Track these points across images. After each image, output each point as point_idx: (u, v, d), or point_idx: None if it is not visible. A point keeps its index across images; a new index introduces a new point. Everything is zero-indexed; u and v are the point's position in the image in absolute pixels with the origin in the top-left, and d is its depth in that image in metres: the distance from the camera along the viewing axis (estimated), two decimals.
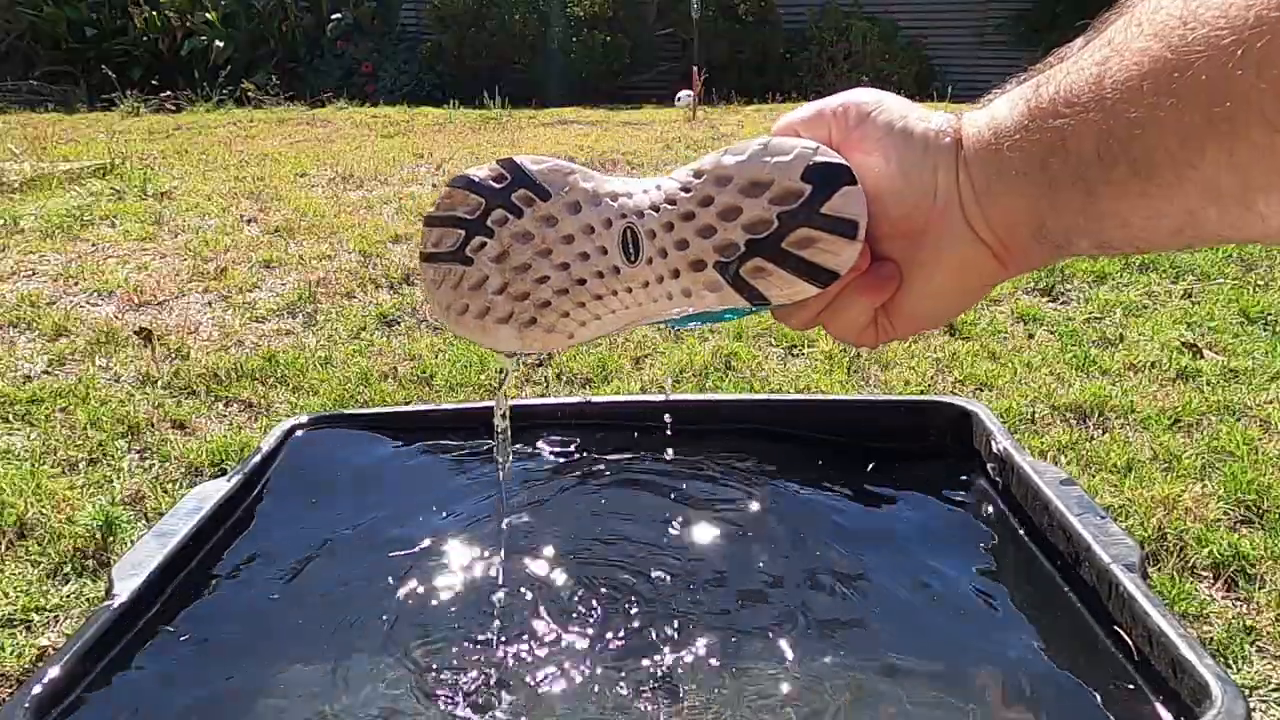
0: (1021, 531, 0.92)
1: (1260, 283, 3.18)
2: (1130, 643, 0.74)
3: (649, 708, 0.73)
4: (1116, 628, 0.76)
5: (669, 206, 0.57)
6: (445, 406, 1.26)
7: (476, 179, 0.60)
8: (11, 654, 1.55)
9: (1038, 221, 0.49)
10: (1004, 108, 0.49)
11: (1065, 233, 0.48)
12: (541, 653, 0.78)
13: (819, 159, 0.53)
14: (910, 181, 0.52)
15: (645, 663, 0.77)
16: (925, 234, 0.52)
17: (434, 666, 0.77)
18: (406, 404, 2.38)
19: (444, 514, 0.99)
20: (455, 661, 0.78)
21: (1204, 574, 1.73)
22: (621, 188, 0.60)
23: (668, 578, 0.88)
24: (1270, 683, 1.48)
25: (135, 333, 2.86)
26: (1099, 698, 0.72)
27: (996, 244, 0.51)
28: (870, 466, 1.05)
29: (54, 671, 0.70)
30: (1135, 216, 0.44)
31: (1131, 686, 0.71)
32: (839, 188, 0.53)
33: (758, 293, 0.56)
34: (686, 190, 0.57)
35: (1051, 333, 2.89)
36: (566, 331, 0.61)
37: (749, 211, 0.55)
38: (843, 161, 0.53)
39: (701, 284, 0.57)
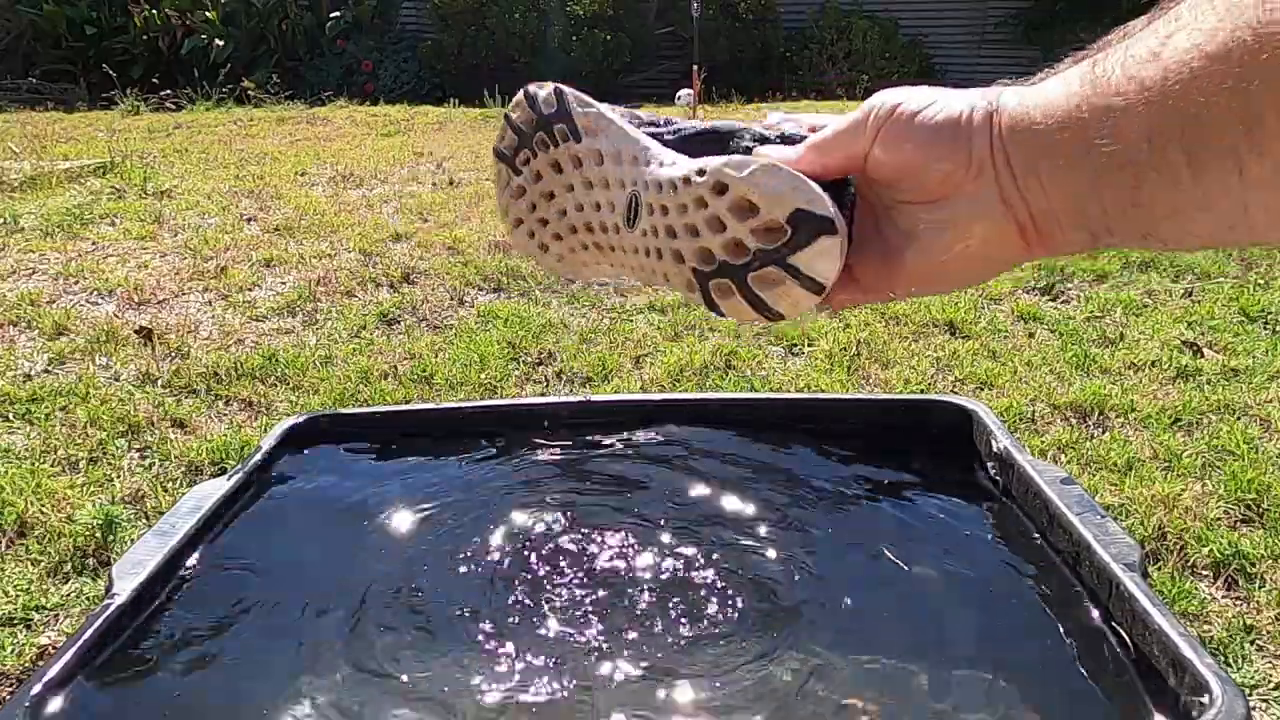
0: (1021, 531, 0.92)
1: (1260, 282, 3.18)
2: (1130, 642, 0.74)
3: (649, 707, 0.73)
4: (1116, 627, 0.76)
5: (671, 191, 0.58)
6: (445, 405, 1.26)
7: (534, 97, 0.64)
8: (11, 653, 1.55)
9: (1077, 207, 0.47)
10: (1056, 86, 0.47)
11: (1105, 220, 0.46)
12: (539, 651, 0.78)
13: (808, 206, 0.53)
14: (940, 159, 0.50)
15: (645, 664, 0.77)
16: (954, 199, 0.51)
17: (435, 665, 0.77)
18: (406, 403, 2.38)
19: (443, 513, 0.99)
20: (456, 660, 0.78)
21: (1204, 573, 1.73)
22: (644, 154, 0.61)
23: (667, 577, 0.88)
24: (1270, 682, 1.48)
25: (135, 331, 2.86)
26: (1099, 697, 0.72)
27: (1027, 223, 0.49)
28: (870, 465, 1.05)
29: (54, 671, 0.70)
30: (1185, 208, 0.42)
31: (1132, 686, 0.71)
32: (816, 240, 0.52)
33: (716, 306, 0.58)
34: (688, 183, 0.57)
35: (1052, 332, 2.89)
36: (572, 265, 0.66)
37: (732, 231, 0.55)
38: (830, 214, 0.52)
39: (679, 278, 0.59)
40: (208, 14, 9.25)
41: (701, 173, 0.56)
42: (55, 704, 0.69)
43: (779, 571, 0.89)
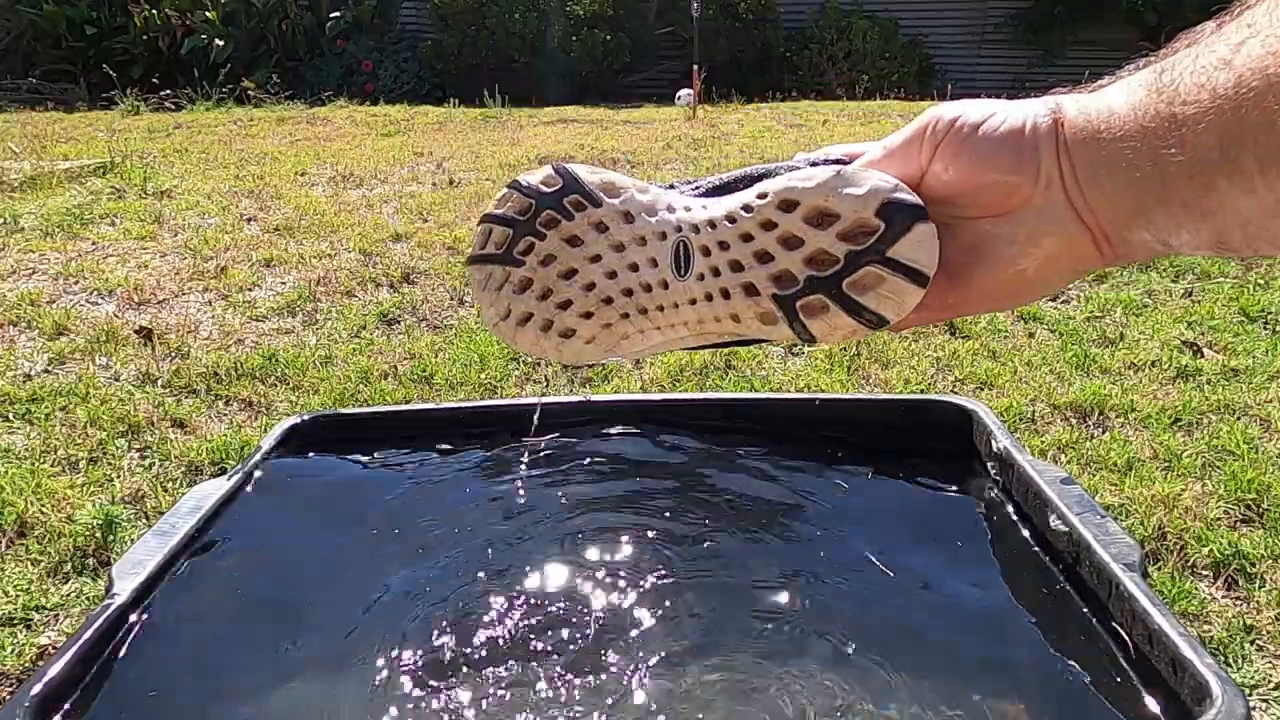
0: (1021, 531, 0.92)
1: (1260, 282, 3.18)
2: (1130, 642, 0.74)
3: (650, 709, 0.73)
4: (1116, 627, 0.76)
5: (727, 224, 0.55)
6: (445, 405, 1.26)
7: (527, 183, 0.60)
8: (11, 653, 1.55)
9: (1145, 216, 0.46)
10: (1120, 94, 0.46)
11: (1174, 227, 0.45)
12: (539, 652, 0.78)
13: (896, 195, 0.51)
14: (1008, 171, 0.49)
15: (645, 666, 0.77)
16: (1021, 211, 0.50)
17: (435, 662, 0.77)
18: (406, 403, 2.38)
19: (443, 513, 0.99)
20: (457, 661, 0.78)
21: (1204, 573, 1.73)
22: (678, 202, 0.59)
23: (666, 578, 0.88)
24: (1270, 682, 1.48)
25: (135, 331, 2.86)
26: (1099, 697, 0.72)
27: (1098, 229, 0.48)
28: (870, 465, 1.05)
29: (54, 671, 0.70)
30: (1258, 215, 0.41)
31: (1131, 686, 0.71)
32: (912, 227, 0.51)
33: (807, 329, 0.55)
34: (748, 210, 0.55)
35: (1052, 331, 2.89)
36: (606, 344, 0.60)
37: (813, 243, 0.53)
38: (919, 201, 0.51)
39: (752, 312, 0.56)
40: (208, 14, 9.25)
41: (763, 196, 0.54)
42: (55, 704, 0.69)
43: (778, 572, 0.89)
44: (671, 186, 0.61)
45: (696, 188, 0.60)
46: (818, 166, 0.55)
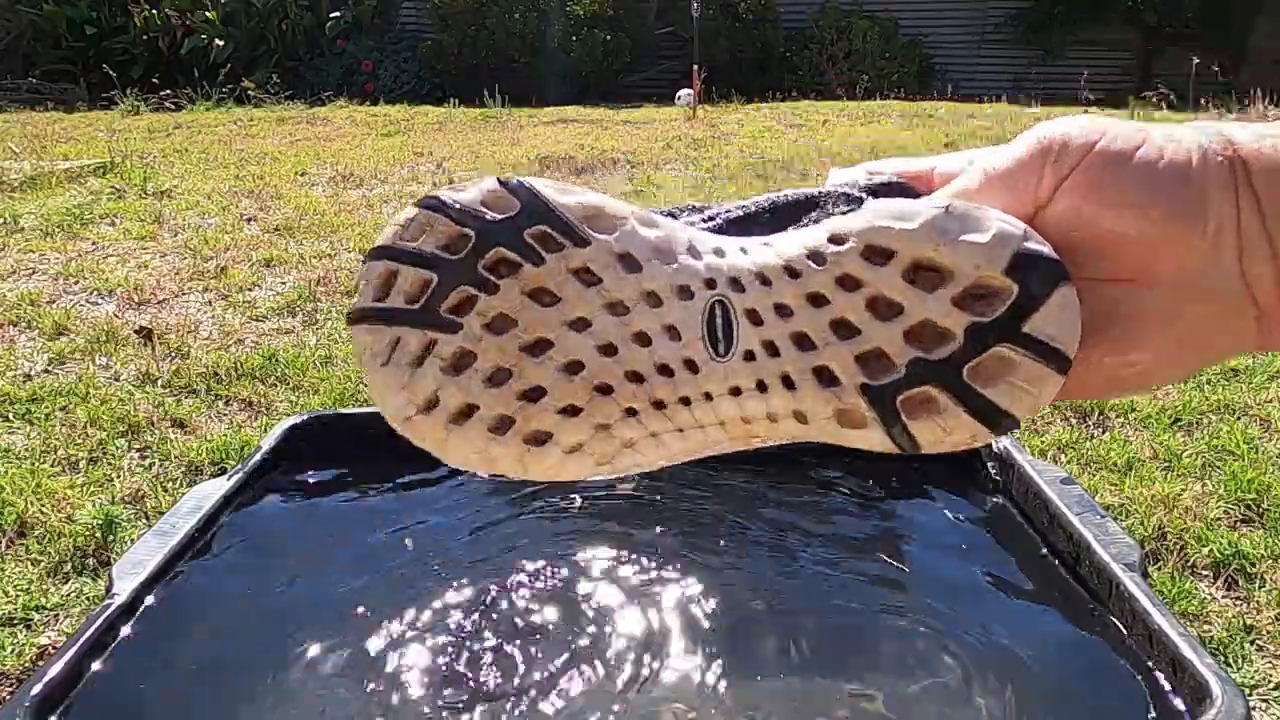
0: (1021, 531, 0.92)
1: None
2: (1130, 642, 0.74)
3: (654, 710, 0.73)
4: (1116, 627, 0.76)
5: (788, 279, 0.40)
6: None
7: (457, 202, 0.40)
8: (11, 653, 1.55)
9: None
10: None
11: None
12: (539, 653, 0.78)
13: (1031, 246, 0.38)
14: (1167, 220, 0.37)
15: (644, 670, 0.77)
16: (1167, 280, 0.38)
17: (435, 662, 0.77)
18: None
19: (443, 513, 0.99)
20: (458, 662, 0.78)
21: (1204, 573, 1.73)
22: (704, 241, 0.41)
23: (666, 580, 0.88)
24: (1270, 682, 1.48)
25: (135, 331, 2.86)
26: (1099, 696, 0.72)
27: (1265, 297, 0.37)
28: (869, 466, 1.05)
29: (54, 671, 0.70)
30: None
31: (1131, 686, 0.71)
32: (1053, 291, 0.37)
33: (909, 434, 0.40)
34: (817, 259, 0.40)
35: None
36: (600, 456, 0.41)
37: (917, 311, 0.39)
38: (1055, 254, 0.38)
39: (829, 409, 0.40)
40: (208, 14, 9.25)
41: (839, 240, 0.39)
42: (55, 704, 0.69)
43: (776, 574, 0.89)
44: (671, 215, 0.44)
45: (711, 218, 0.44)
46: (891, 196, 0.41)
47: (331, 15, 9.55)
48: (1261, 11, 8.29)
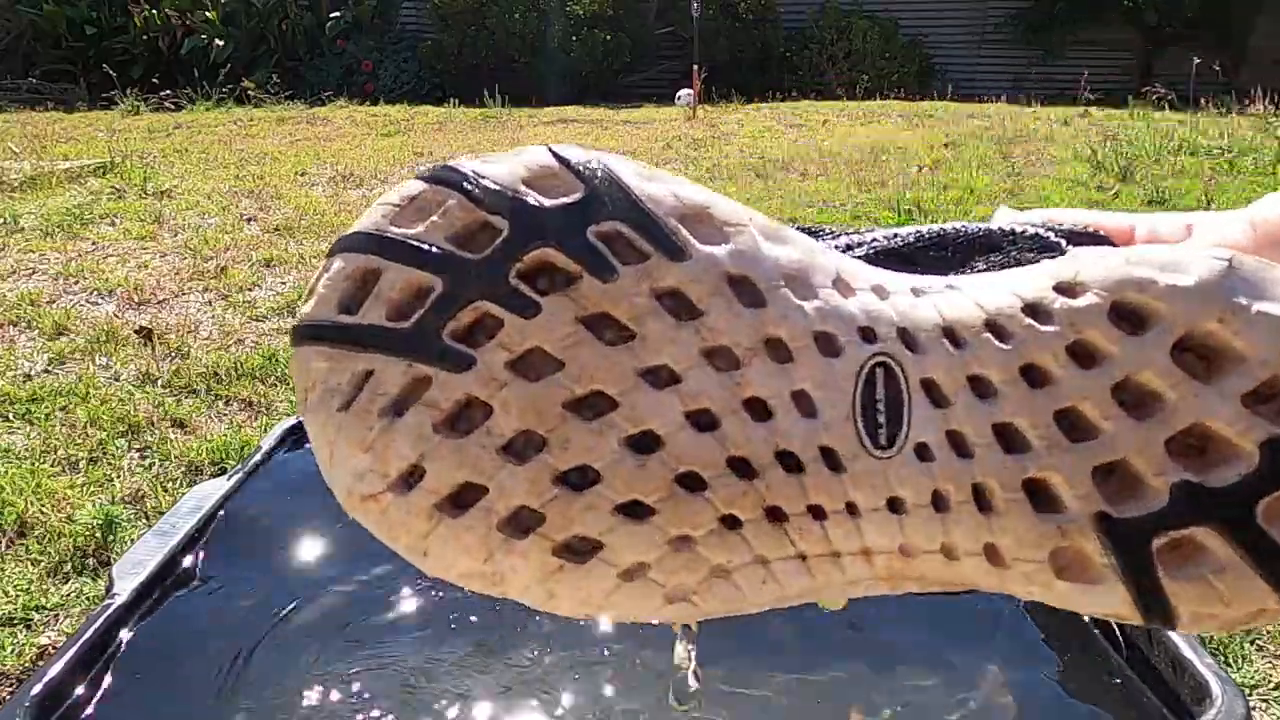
0: None
1: None
2: (1130, 642, 0.74)
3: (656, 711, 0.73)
4: (1117, 627, 0.76)
5: (993, 341, 0.27)
6: None
7: (490, 178, 0.27)
8: (11, 653, 1.55)
9: None
10: None
11: None
12: (538, 656, 0.78)
13: None
14: None
15: (640, 675, 0.77)
16: None
17: (435, 662, 0.77)
18: None
19: None
20: (459, 662, 0.78)
21: None
22: (862, 273, 0.29)
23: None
24: (1270, 682, 1.48)
25: (135, 331, 2.86)
26: (1099, 696, 0.72)
27: None
28: None
29: (54, 671, 0.70)
30: None
31: (1132, 686, 0.71)
32: None
33: (1163, 598, 0.27)
34: (1040, 316, 0.28)
35: None
36: (674, 588, 0.27)
37: (1192, 412, 0.27)
38: None
39: (1041, 548, 0.27)
40: (208, 14, 9.25)
41: (1071, 290, 0.27)
42: (55, 704, 0.69)
43: None
44: (815, 234, 0.31)
45: (850, 246, 0.31)
46: (1094, 243, 0.30)
47: (331, 15, 9.55)
48: (1261, 11, 8.29)
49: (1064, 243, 0.30)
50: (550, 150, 0.28)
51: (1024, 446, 0.27)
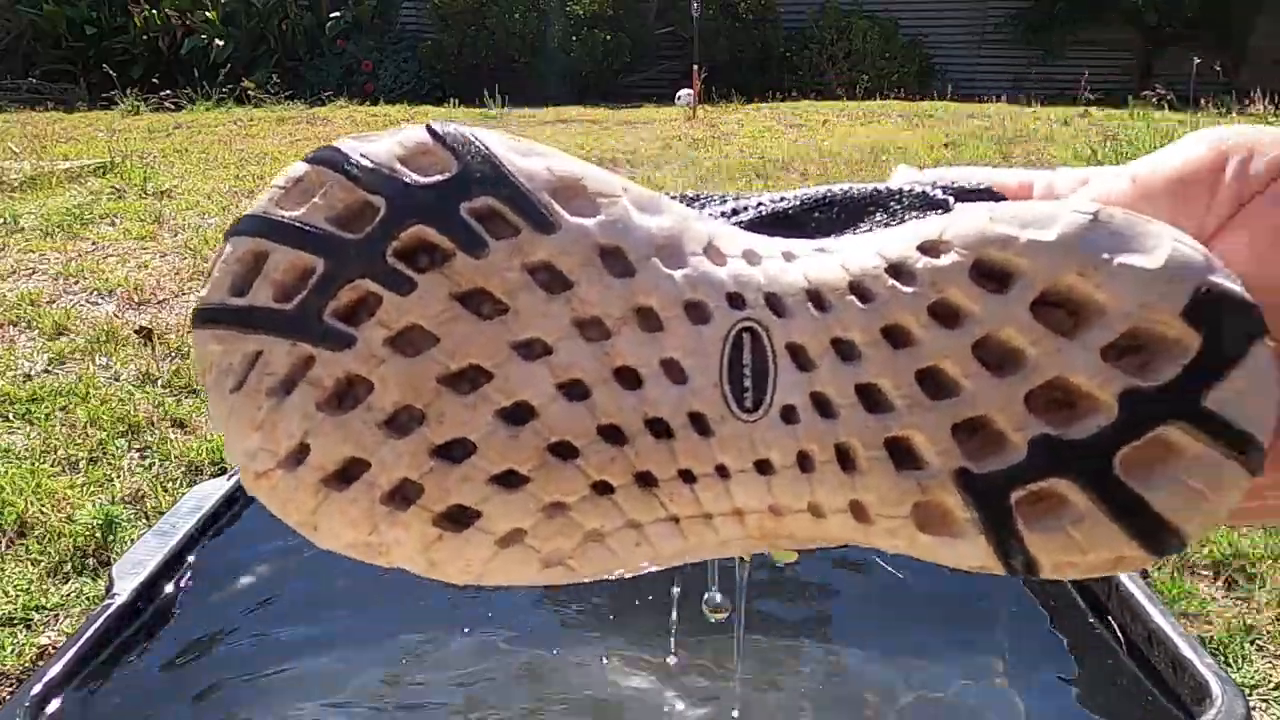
0: None
1: None
2: (1130, 642, 0.74)
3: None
4: (1116, 627, 0.76)
5: (857, 303, 0.28)
6: None
7: (369, 158, 0.29)
8: (11, 653, 1.55)
9: None
10: None
11: None
12: (538, 658, 0.78)
13: (1221, 280, 0.26)
14: None
15: (641, 676, 0.77)
16: None
17: (434, 664, 0.77)
18: None
19: None
20: (459, 663, 0.78)
21: (1204, 573, 1.73)
22: (734, 239, 0.29)
23: (664, 581, 0.88)
24: (1270, 681, 1.48)
25: (135, 331, 2.86)
26: (1099, 696, 0.72)
27: None
28: None
29: (54, 671, 0.70)
30: None
31: (1132, 686, 0.71)
32: (1247, 351, 0.26)
33: (1024, 549, 0.27)
34: (903, 277, 0.28)
35: None
36: (550, 553, 0.29)
37: (1052, 366, 0.27)
38: (1247, 295, 0.26)
39: (904, 503, 0.28)
40: (208, 14, 9.25)
41: (934, 249, 0.28)
42: (55, 704, 0.69)
43: (772, 576, 0.89)
44: (695, 201, 0.32)
45: (737, 212, 0.31)
46: (985, 200, 0.30)
47: (331, 15, 9.55)
48: (1261, 11, 8.29)
49: (952, 200, 0.30)
50: (428, 127, 0.29)
51: (886, 406, 0.27)
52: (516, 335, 0.27)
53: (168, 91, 8.25)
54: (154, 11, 9.28)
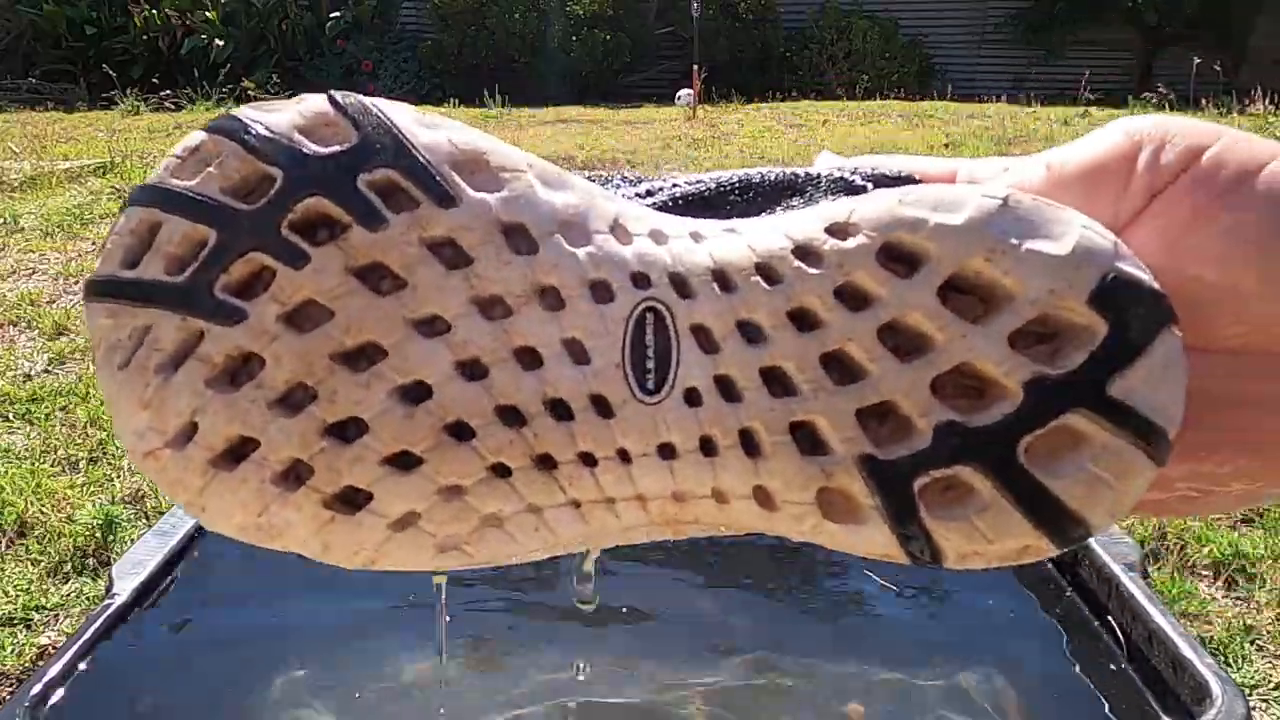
0: None
1: None
2: (1130, 642, 0.74)
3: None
4: (1116, 627, 0.76)
5: (762, 285, 0.27)
6: None
7: (268, 127, 0.27)
8: (11, 653, 1.55)
9: None
10: None
11: None
12: (537, 662, 0.78)
13: (1128, 267, 0.26)
14: None
15: (639, 676, 0.77)
16: None
17: (434, 664, 0.77)
18: None
19: None
20: (460, 663, 0.77)
21: (1204, 573, 1.73)
22: (642, 218, 0.29)
23: (662, 583, 0.88)
24: (1270, 681, 1.48)
25: None
26: (1099, 697, 0.72)
27: None
28: None
29: (54, 671, 0.70)
30: None
31: (1131, 686, 0.71)
32: (1155, 338, 0.26)
33: (928, 537, 0.27)
34: (810, 259, 0.27)
35: None
36: (445, 538, 0.28)
37: (957, 352, 0.27)
38: (1155, 283, 0.26)
39: (808, 489, 0.27)
40: (208, 14, 9.25)
41: (842, 231, 0.27)
42: (55, 704, 0.69)
43: (772, 577, 0.89)
44: (609, 182, 0.31)
45: (650, 193, 0.31)
46: (900, 184, 0.29)
47: (331, 15, 9.55)
48: (1261, 11, 8.29)
49: (869, 186, 0.30)
50: (329, 97, 0.28)
51: (791, 390, 0.27)
52: (414, 312, 0.26)
53: (168, 91, 8.25)
54: (154, 11, 9.28)
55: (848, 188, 0.30)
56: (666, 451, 0.27)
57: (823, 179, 0.30)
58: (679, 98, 7.73)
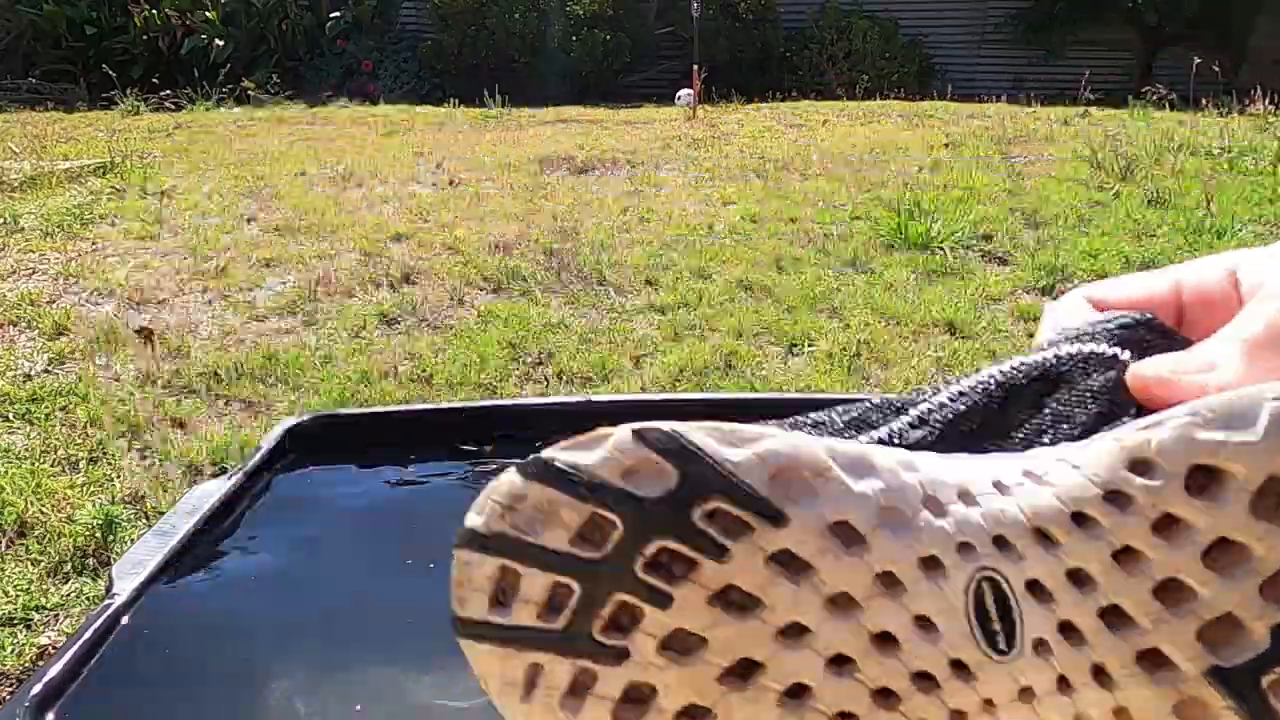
0: None
1: None
2: None
3: None
4: None
5: (1079, 534, 0.28)
6: (445, 406, 1.26)
7: (593, 474, 0.28)
8: (11, 653, 1.55)
9: None
10: None
11: None
12: None
13: None
14: None
15: None
16: None
17: (434, 666, 0.77)
18: (406, 403, 2.38)
19: (443, 514, 0.99)
20: (456, 664, 0.78)
21: None
22: (943, 478, 0.30)
23: None
24: None
25: (135, 331, 2.86)
26: None
27: None
28: None
29: (54, 671, 0.70)
30: None
31: None
32: None
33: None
34: (1119, 503, 0.28)
35: None
36: None
37: (1278, 556, 0.28)
38: None
39: (1165, 703, 0.29)
40: (208, 14, 9.25)
41: (1144, 467, 0.28)
42: (55, 704, 0.69)
43: None
44: (862, 422, 0.33)
45: (921, 422, 0.32)
46: (1144, 339, 0.32)
47: (331, 15, 9.56)
48: (1261, 11, 8.30)
49: (1120, 353, 0.32)
50: (635, 434, 0.28)
51: (1131, 625, 0.28)
52: (776, 624, 0.28)
53: (168, 91, 8.26)
54: (154, 11, 9.28)
55: (1102, 364, 0.32)
56: (1026, 694, 0.29)
57: (1074, 362, 0.32)
58: (679, 98, 7.73)
